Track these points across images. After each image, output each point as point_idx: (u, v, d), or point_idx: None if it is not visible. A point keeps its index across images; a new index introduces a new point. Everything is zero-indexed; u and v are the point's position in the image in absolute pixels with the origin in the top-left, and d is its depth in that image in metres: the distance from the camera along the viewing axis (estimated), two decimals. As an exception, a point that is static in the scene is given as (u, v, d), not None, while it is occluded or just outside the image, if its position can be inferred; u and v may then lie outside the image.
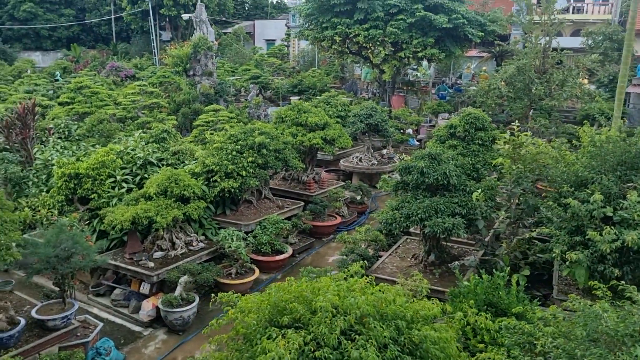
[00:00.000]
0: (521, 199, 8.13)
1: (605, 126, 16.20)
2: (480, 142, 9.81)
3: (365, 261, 8.62)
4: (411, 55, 20.33)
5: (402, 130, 17.44)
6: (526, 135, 8.52)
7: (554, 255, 6.93)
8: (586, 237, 6.71)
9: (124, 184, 9.90)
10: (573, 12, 30.76)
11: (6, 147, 13.42)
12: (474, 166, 9.50)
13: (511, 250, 8.10)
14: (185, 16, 24.60)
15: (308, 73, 30.26)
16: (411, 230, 9.62)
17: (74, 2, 54.77)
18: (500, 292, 6.07)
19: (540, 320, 4.90)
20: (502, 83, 16.14)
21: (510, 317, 5.27)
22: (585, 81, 20.74)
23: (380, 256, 9.31)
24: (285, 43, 45.56)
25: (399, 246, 9.78)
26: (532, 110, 16.58)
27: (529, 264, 8.09)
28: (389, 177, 11.78)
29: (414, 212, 7.86)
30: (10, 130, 12.96)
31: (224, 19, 54.57)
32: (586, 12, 31.98)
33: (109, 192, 9.65)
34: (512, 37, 30.99)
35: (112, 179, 9.91)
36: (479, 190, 7.65)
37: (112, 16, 51.26)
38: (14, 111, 13.40)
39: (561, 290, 7.52)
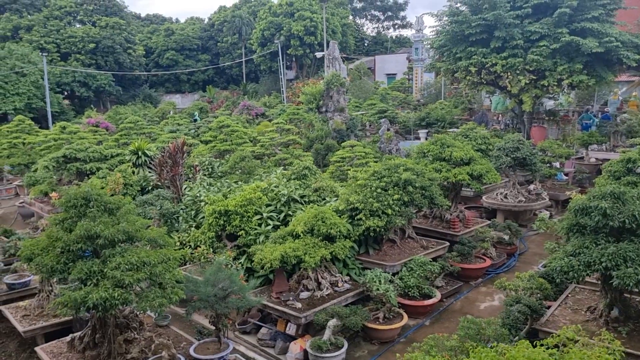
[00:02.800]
0: None
1: None
2: (666, 178, 8.46)
3: (533, 313, 7.74)
4: (555, 83, 18.82)
5: (549, 164, 16.00)
6: None
7: None
8: None
9: (269, 221, 9.92)
10: None
11: (158, 183, 14.33)
12: (661, 206, 8.15)
13: None
14: (318, 54, 25.27)
15: (435, 105, 29.54)
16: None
17: (209, 48, 59.57)
18: None
19: None
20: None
21: None
22: None
23: (548, 307, 8.25)
24: (408, 76, 45.31)
25: (567, 296, 8.63)
26: None
27: None
28: (544, 215, 10.63)
29: (597, 260, 6.81)
30: (162, 168, 13.82)
31: (345, 55, 55.79)
32: None
33: (255, 229, 9.70)
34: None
35: (258, 216, 9.99)
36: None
37: (243, 59, 54.73)
38: (166, 150, 14.32)
39: None
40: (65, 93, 45.87)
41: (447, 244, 11.08)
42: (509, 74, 19.41)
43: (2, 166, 21.51)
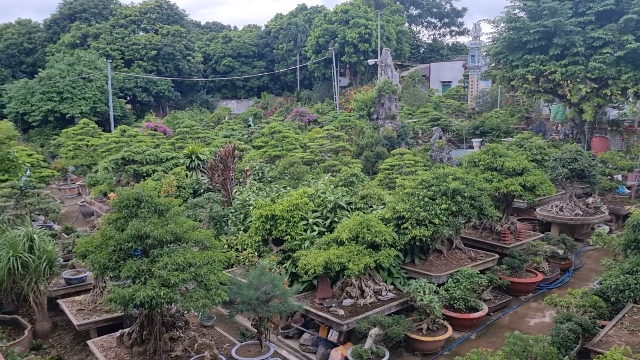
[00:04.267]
0: None
1: None
2: None
3: (585, 332, 7.39)
4: (619, 92, 17.96)
5: (610, 177, 15.27)
6: None
7: None
8: None
9: (315, 227, 9.97)
10: None
11: (209, 186, 14.71)
12: None
13: None
14: (371, 61, 25.21)
15: (490, 114, 28.81)
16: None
17: (265, 55, 60.62)
18: None
19: None
20: None
21: None
22: None
23: (602, 326, 7.85)
24: (463, 84, 44.47)
25: (624, 316, 8.18)
26: None
27: None
28: (602, 230, 10.15)
29: (655, 279, 6.46)
30: (214, 172, 14.18)
31: (400, 62, 55.44)
32: None
33: (301, 234, 9.77)
34: None
35: (304, 222, 10.07)
36: None
37: (298, 66, 55.36)
38: (217, 154, 14.69)
39: None
40: (128, 98, 47.91)
41: (497, 256, 10.78)
42: (568, 82, 18.69)
43: (67, 166, 22.68)
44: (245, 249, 10.22)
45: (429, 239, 9.65)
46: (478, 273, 9.60)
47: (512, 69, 20.12)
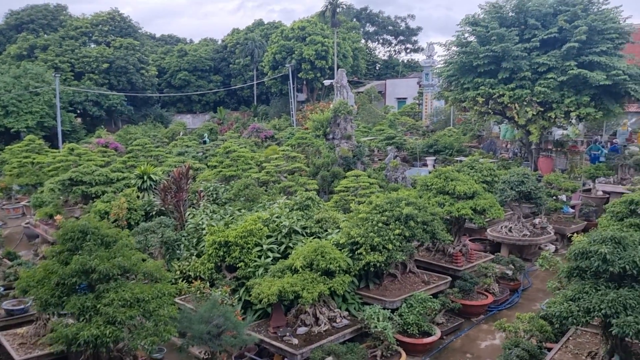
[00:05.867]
0: None
1: None
2: (671, 221, 8.34)
3: (532, 358, 7.59)
4: (562, 115, 18.79)
5: (555, 197, 15.86)
6: None
7: None
8: None
9: (269, 253, 9.89)
10: None
11: (162, 208, 14.37)
12: (665, 250, 8.02)
13: None
14: (326, 82, 25.45)
15: (444, 132, 29.53)
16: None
17: (221, 69, 60.24)
18: None
19: None
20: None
21: None
22: None
23: (548, 349, 8.09)
24: (418, 101, 45.45)
25: (568, 339, 8.46)
26: None
27: None
28: (549, 253, 10.50)
29: (596, 307, 6.68)
30: (166, 194, 13.87)
31: (356, 79, 56.22)
32: None
33: (255, 261, 9.67)
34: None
35: (258, 248, 9.96)
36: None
37: (255, 82, 55.28)
38: (170, 175, 14.40)
39: None
40: (78, 112, 46.43)
41: (449, 279, 10.96)
42: (516, 105, 19.41)
43: (11, 185, 21.72)
44: (198, 276, 10.03)
45: (382, 264, 9.72)
46: (431, 297, 9.73)
47: (463, 91, 20.73)
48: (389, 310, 9.18)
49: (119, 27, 51.74)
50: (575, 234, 10.26)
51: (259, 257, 9.77)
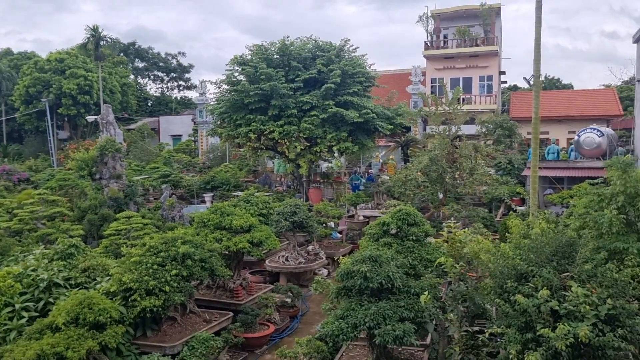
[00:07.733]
0: (467, 297, 7.93)
1: (516, 210, 16.96)
2: (414, 238, 9.69)
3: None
4: (326, 149, 20.68)
5: (324, 225, 17.21)
6: (465, 232, 8.50)
7: (510, 356, 6.64)
8: (537, 333, 6.54)
9: (24, 313, 8.53)
10: (464, 103, 33.56)
11: None
12: (411, 263, 9.30)
13: (463, 353, 7.75)
14: (90, 118, 23.57)
15: (220, 168, 29.86)
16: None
17: (-41, 103, 51.31)
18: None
19: None
20: (419, 173, 16.67)
21: None
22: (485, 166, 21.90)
23: (325, 369, 8.57)
24: (193, 138, 45.25)
25: (342, 354, 9.12)
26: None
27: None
28: (322, 277, 11.25)
29: (361, 321, 7.36)
30: None
31: (126, 115, 53.63)
32: (474, 102, 35.11)
33: (6, 324, 8.23)
34: (413, 128, 33.05)
35: (9, 308, 8.52)
36: (426, 293, 7.35)
37: (3, 117, 48.39)
38: None
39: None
40: None
41: (231, 314, 10.90)
42: (285, 140, 20.71)
43: None
44: None
45: (160, 308, 9.18)
46: (213, 335, 9.52)
47: (236, 127, 21.35)
48: (169, 357, 8.69)
49: None
50: (342, 257, 11.20)
51: (11, 319, 8.36)
